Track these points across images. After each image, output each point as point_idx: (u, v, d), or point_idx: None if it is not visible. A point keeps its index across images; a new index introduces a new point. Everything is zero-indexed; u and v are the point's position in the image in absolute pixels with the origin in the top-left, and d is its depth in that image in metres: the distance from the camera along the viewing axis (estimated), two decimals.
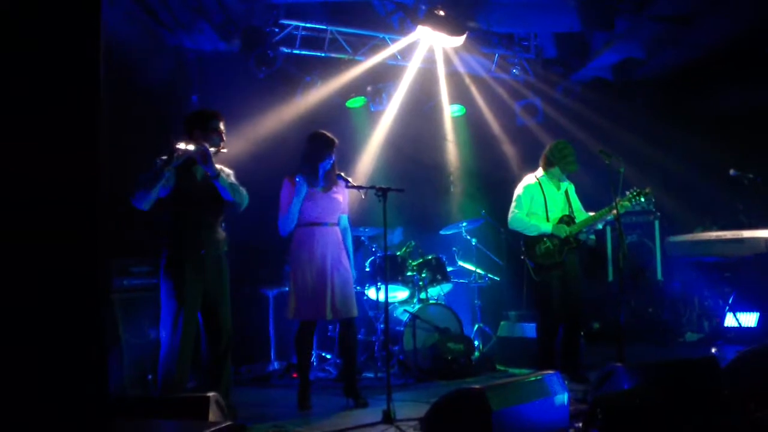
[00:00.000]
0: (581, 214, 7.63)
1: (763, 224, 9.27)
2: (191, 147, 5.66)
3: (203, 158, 5.69)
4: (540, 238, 7.48)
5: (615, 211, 7.07)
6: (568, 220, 7.51)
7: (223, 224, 6.05)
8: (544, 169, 7.66)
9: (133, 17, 8.17)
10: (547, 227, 7.44)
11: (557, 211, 7.55)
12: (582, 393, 6.07)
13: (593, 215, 7.48)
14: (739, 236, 9.39)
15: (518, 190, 7.70)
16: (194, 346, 5.85)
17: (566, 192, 7.68)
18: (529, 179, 7.71)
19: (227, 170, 6.12)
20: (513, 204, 7.67)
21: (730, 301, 9.44)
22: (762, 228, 9.21)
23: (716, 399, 5.17)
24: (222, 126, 6.00)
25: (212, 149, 5.84)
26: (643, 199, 7.38)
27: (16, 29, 2.20)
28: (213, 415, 3.95)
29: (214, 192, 5.84)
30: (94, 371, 2.32)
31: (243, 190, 5.98)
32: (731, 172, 9.40)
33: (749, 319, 9.18)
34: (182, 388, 5.61)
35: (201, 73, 9.44)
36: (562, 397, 4.95)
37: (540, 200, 7.56)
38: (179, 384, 5.60)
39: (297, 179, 6.54)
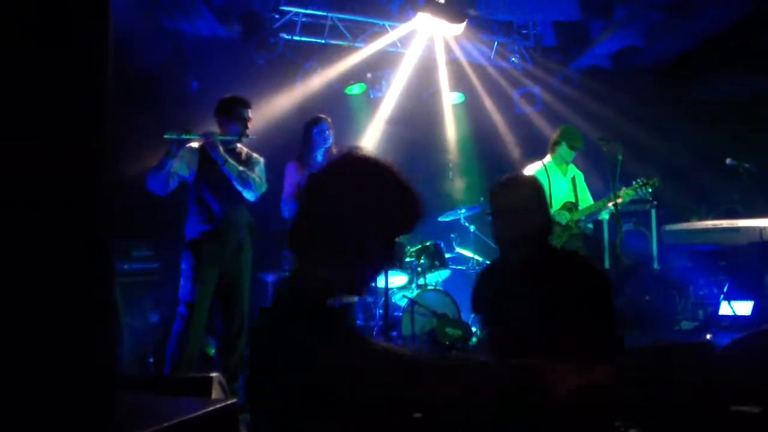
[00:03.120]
0: (586, 203, 7.70)
1: (759, 213, 9.32)
2: (184, 137, 5.73)
3: (209, 145, 5.79)
4: None
5: (620, 200, 7.20)
6: (570, 206, 7.57)
7: (246, 210, 6.15)
8: (551, 153, 7.73)
9: (132, 0, 8.18)
10: None
11: (561, 197, 7.61)
12: None
13: (597, 203, 7.55)
14: (735, 225, 9.43)
15: None
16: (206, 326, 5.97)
17: (573, 179, 7.74)
18: (536, 165, 7.78)
19: (256, 157, 6.23)
20: None
21: (725, 290, 9.49)
22: (757, 217, 9.25)
23: (711, 383, 5.22)
24: (248, 114, 6.10)
25: (228, 137, 5.95)
26: (650, 189, 7.48)
27: (21, 21, 2.23)
28: (216, 394, 3.99)
29: None
30: (103, 352, 2.36)
31: (256, 179, 6.05)
32: (727, 161, 9.43)
33: (744, 308, 9.22)
34: (190, 367, 5.69)
35: (200, 58, 9.45)
36: None
37: (545, 186, 7.62)
38: (187, 363, 5.68)
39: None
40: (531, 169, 7.75)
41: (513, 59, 10.92)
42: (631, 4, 9.54)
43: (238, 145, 6.14)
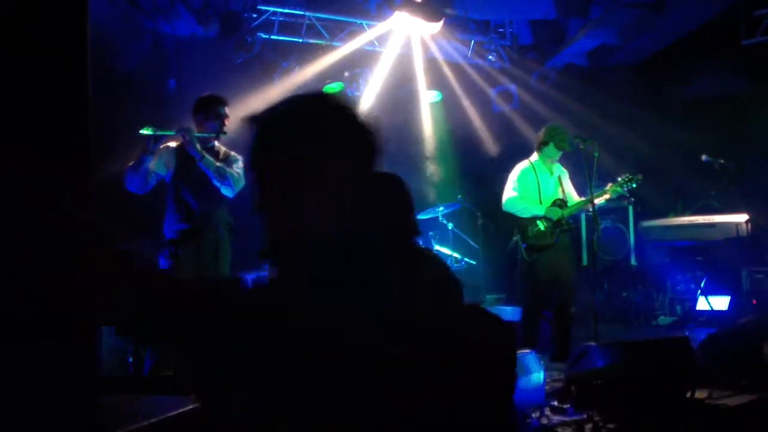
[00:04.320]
0: (572, 199, 7.75)
1: (734, 209, 9.40)
2: (160, 133, 5.70)
3: (186, 141, 5.79)
4: (533, 219, 7.58)
5: (607, 195, 7.30)
6: (560, 203, 7.62)
7: (226, 208, 6.13)
8: (538, 151, 7.76)
9: (111, 0, 8.17)
10: (540, 209, 7.54)
11: (550, 195, 7.65)
12: (558, 372, 6.17)
13: (585, 199, 7.59)
14: (711, 221, 9.51)
15: (513, 174, 7.80)
16: None
17: (559, 178, 7.79)
18: (524, 163, 7.82)
19: (234, 155, 6.20)
20: (508, 186, 7.77)
21: (702, 285, 9.57)
22: (733, 213, 9.34)
23: (687, 376, 5.28)
24: (224, 111, 6.09)
25: (204, 134, 5.94)
26: (634, 185, 7.57)
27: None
28: None
29: None
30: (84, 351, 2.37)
31: (234, 174, 6.00)
32: (703, 157, 9.50)
33: (721, 303, 9.31)
34: (169, 367, 5.67)
35: (178, 57, 9.43)
36: (539, 376, 5.04)
37: (534, 183, 7.66)
38: (166, 362, 5.66)
39: None
40: (519, 168, 7.79)
41: (490, 57, 10.97)
42: (607, 2, 9.60)
43: (216, 143, 6.13)
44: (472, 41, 10.83)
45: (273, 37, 9.58)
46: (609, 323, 9.82)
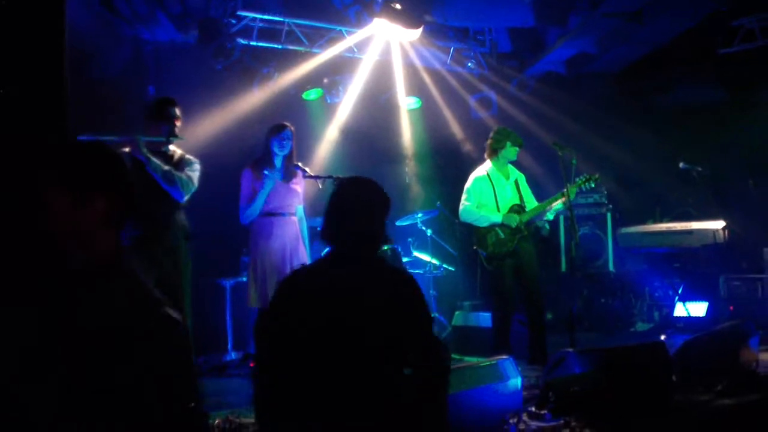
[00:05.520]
0: (532, 204, 7.75)
1: (711, 216, 9.47)
2: (102, 139, 5.61)
3: (132, 146, 5.69)
4: (491, 228, 7.57)
5: (565, 198, 7.25)
6: (518, 209, 7.61)
7: (183, 214, 6.02)
8: (492, 158, 7.76)
9: (89, 7, 8.14)
10: (497, 217, 7.52)
11: (507, 201, 7.64)
12: (535, 378, 6.19)
13: (543, 203, 7.60)
14: (689, 228, 9.58)
15: (468, 183, 7.79)
16: None
17: (516, 182, 7.79)
18: (479, 172, 7.81)
19: (190, 158, 6.09)
20: (463, 197, 7.77)
21: (679, 292, 9.63)
22: (710, 220, 9.41)
23: (664, 382, 5.31)
24: (175, 112, 5.94)
25: (154, 138, 5.85)
26: (593, 185, 7.56)
27: None
28: None
29: None
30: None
31: (183, 177, 5.83)
32: (681, 165, 9.59)
33: (698, 309, 9.37)
34: None
35: (158, 63, 9.40)
36: (516, 382, 5.05)
37: (489, 192, 7.65)
38: None
39: (266, 172, 6.62)
40: (472, 177, 7.78)
41: (469, 65, 11.01)
42: (586, 12, 9.65)
43: (171, 147, 6.01)
44: (452, 48, 10.86)
45: (252, 43, 9.55)
46: (587, 330, 9.87)
